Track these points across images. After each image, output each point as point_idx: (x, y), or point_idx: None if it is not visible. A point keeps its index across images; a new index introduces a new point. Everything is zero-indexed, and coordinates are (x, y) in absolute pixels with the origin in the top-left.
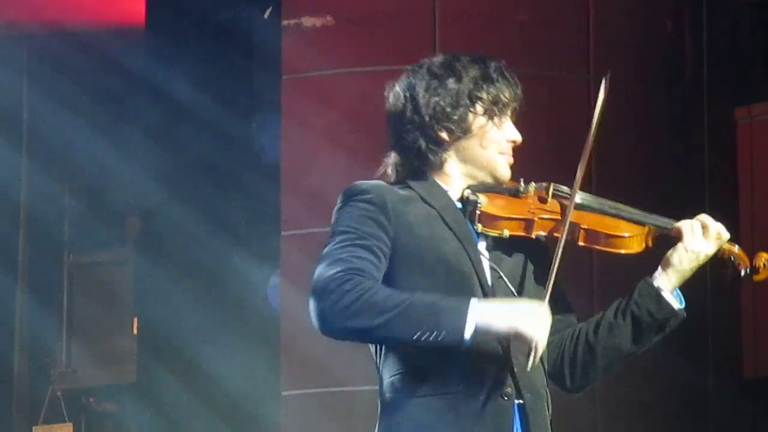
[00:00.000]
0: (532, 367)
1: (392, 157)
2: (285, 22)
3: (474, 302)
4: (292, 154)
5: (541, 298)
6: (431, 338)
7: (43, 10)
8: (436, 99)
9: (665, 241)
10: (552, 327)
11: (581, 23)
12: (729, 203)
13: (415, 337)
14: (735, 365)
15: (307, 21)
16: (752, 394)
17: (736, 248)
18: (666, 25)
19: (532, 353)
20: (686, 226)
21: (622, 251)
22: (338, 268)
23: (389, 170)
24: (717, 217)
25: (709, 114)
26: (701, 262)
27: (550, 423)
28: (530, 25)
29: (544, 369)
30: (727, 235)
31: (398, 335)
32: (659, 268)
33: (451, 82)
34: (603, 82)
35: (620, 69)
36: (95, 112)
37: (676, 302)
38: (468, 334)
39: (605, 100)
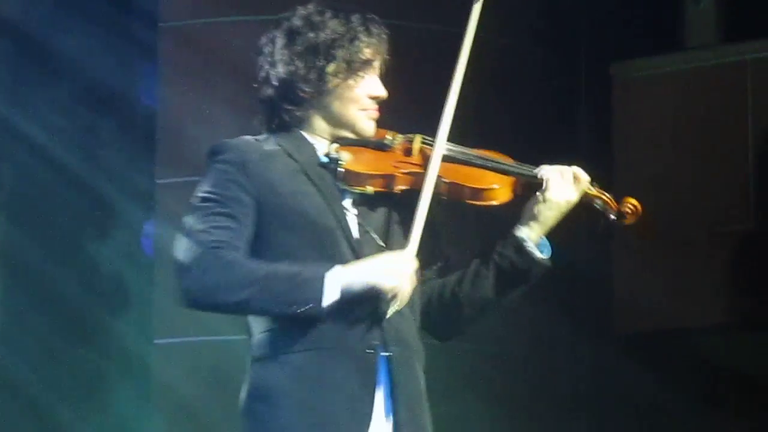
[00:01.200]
0: (391, 315)
1: (261, 111)
2: None
3: (332, 271)
4: (170, 102)
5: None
6: (291, 310)
7: None
8: (293, 56)
9: (531, 190)
10: (422, 276)
11: None
12: (604, 157)
13: (276, 311)
14: (607, 321)
15: None
16: (624, 350)
17: (603, 195)
18: None
19: (393, 302)
20: (547, 173)
21: (489, 203)
22: (199, 243)
23: (259, 123)
24: (592, 172)
25: (586, 69)
26: (564, 210)
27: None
28: None
29: (416, 319)
30: (587, 179)
31: (260, 309)
32: (522, 215)
33: (308, 39)
34: (475, 9)
35: (500, 23)
36: None
37: (540, 252)
38: (326, 302)
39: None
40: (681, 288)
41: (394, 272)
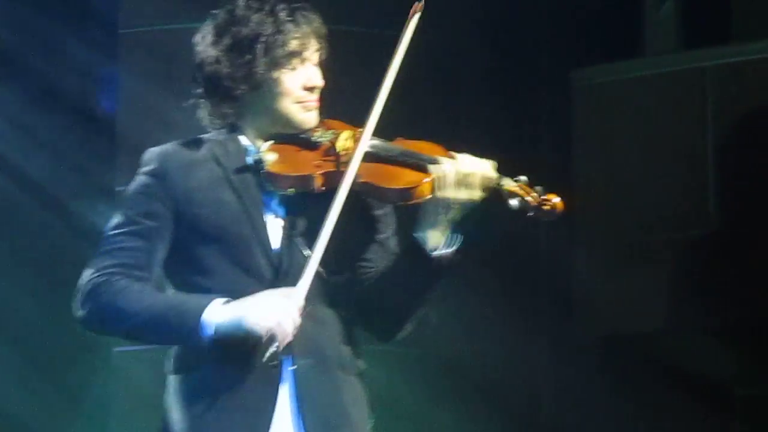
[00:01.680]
0: (267, 360)
1: (200, 112)
2: None
3: (212, 305)
4: (130, 108)
5: (349, 246)
6: (174, 341)
7: None
8: (219, 53)
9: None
10: (355, 277)
11: None
12: (565, 162)
13: (160, 340)
14: (567, 325)
15: None
16: (585, 353)
17: (525, 192)
18: None
19: (270, 349)
20: (442, 168)
21: (417, 201)
22: (99, 268)
23: (203, 123)
24: (551, 177)
25: (548, 75)
26: (463, 209)
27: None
28: None
29: (343, 326)
30: (498, 181)
31: (147, 338)
32: (421, 212)
33: (233, 34)
34: (414, 16)
35: (452, 25)
36: None
37: (445, 248)
38: (205, 337)
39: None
40: (640, 292)
41: (274, 314)
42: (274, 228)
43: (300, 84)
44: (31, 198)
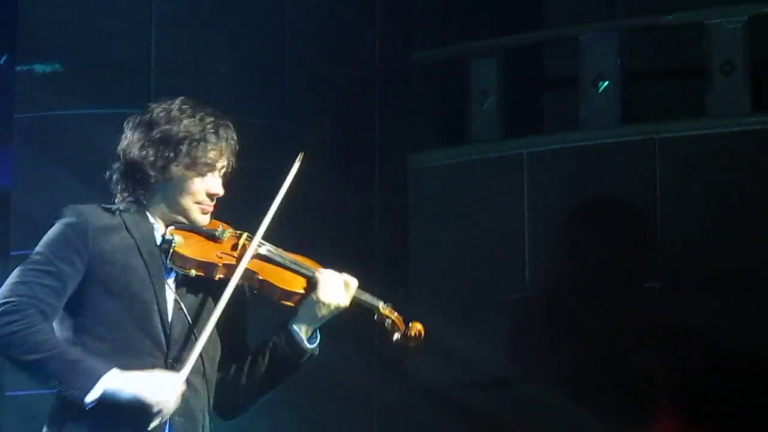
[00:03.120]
0: (155, 428)
1: (113, 187)
2: (18, 68)
3: (110, 373)
4: (23, 182)
5: (221, 334)
6: (62, 390)
7: None
8: (147, 143)
9: (312, 289)
10: (219, 361)
11: (277, 79)
12: (400, 238)
13: (50, 384)
14: (408, 374)
15: (39, 68)
16: (422, 400)
17: (393, 314)
18: (347, 79)
19: (157, 415)
20: (323, 277)
21: (292, 302)
22: (16, 294)
23: (113, 192)
24: (385, 257)
25: (383, 160)
26: (334, 311)
27: None
28: (234, 77)
29: (209, 393)
30: (355, 286)
31: (39, 377)
32: (299, 310)
33: (163, 130)
34: (297, 162)
35: (304, 116)
36: None
37: (308, 344)
38: (90, 398)
39: (294, 176)
40: (466, 346)
41: (163, 390)
42: (170, 297)
43: (204, 189)
44: None
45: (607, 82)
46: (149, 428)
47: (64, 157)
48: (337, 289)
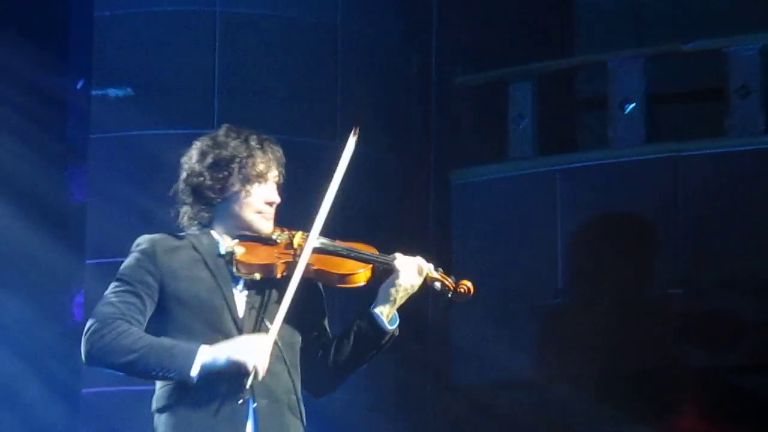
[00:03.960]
0: (251, 384)
1: (179, 211)
2: (93, 92)
3: (202, 348)
4: (97, 197)
5: (296, 323)
6: (166, 376)
7: None
8: (203, 169)
9: (387, 274)
10: (301, 344)
11: (330, 100)
12: (447, 245)
13: (153, 374)
14: (446, 374)
15: (112, 91)
16: (459, 398)
17: (445, 279)
18: (396, 101)
19: (251, 375)
20: (400, 263)
21: (353, 285)
22: (102, 313)
23: (180, 219)
24: (436, 257)
25: (434, 174)
26: (411, 292)
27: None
28: (290, 98)
29: (291, 377)
30: (430, 267)
31: (144, 373)
32: (378, 295)
33: (215, 155)
34: (351, 141)
35: (362, 136)
36: None
37: (389, 325)
38: (194, 373)
39: (349, 163)
40: (507, 348)
41: (251, 351)
42: (240, 300)
43: (262, 198)
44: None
45: (633, 105)
46: (246, 386)
47: (135, 174)
48: (412, 272)
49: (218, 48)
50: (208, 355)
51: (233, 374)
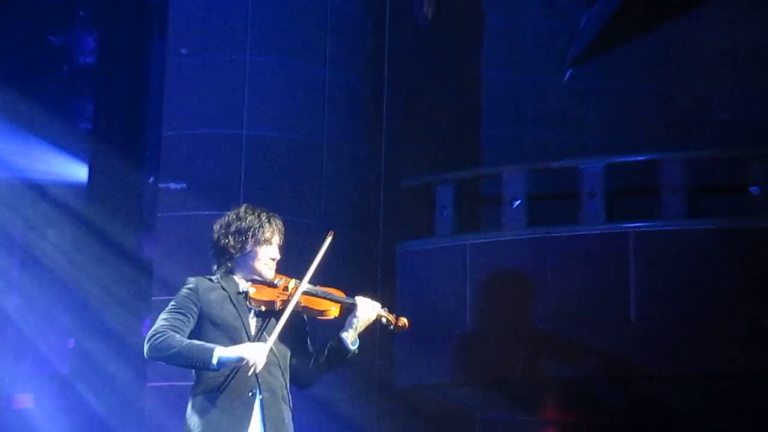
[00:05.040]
0: (261, 374)
1: (212, 263)
2: (161, 185)
3: (218, 347)
4: (162, 256)
5: (288, 340)
6: (196, 365)
7: None
8: (228, 234)
9: (352, 311)
10: (291, 355)
11: (317, 195)
12: (391, 294)
13: (188, 364)
14: (388, 377)
15: (173, 185)
16: (404, 403)
17: (389, 316)
18: (363, 199)
19: (252, 368)
20: (360, 304)
21: (327, 317)
22: (161, 326)
23: (212, 266)
24: (383, 301)
25: (384, 245)
26: (367, 324)
27: (292, 414)
28: (292, 192)
29: (284, 378)
30: (380, 310)
31: (180, 362)
32: (345, 324)
33: (236, 225)
34: (328, 237)
35: (334, 217)
36: None
37: (353, 345)
38: (215, 362)
39: (327, 247)
40: (429, 361)
41: (252, 352)
42: (252, 324)
43: (268, 256)
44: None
45: (518, 201)
46: (249, 374)
47: (186, 240)
48: (368, 310)
49: (244, 159)
50: (224, 351)
51: (241, 367)
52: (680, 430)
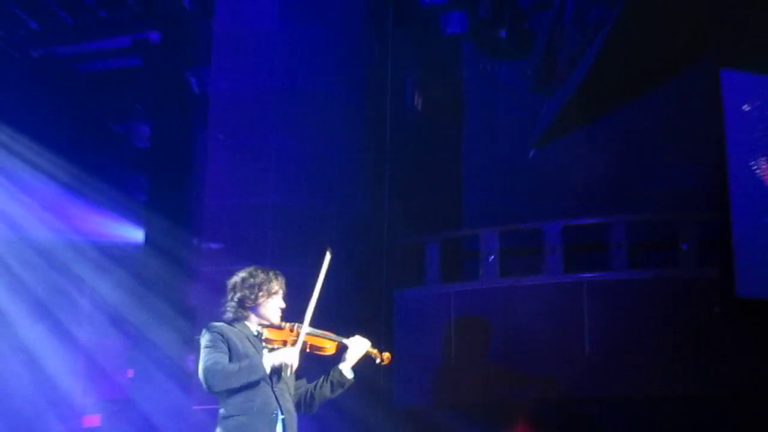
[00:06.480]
0: (288, 377)
1: (228, 311)
2: (203, 246)
3: (263, 359)
4: (203, 301)
5: (288, 381)
6: (251, 378)
7: None
8: (242, 289)
9: (346, 348)
10: (296, 385)
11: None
12: (389, 332)
13: (246, 381)
14: (388, 399)
15: (213, 245)
16: (402, 420)
17: (375, 351)
18: (366, 255)
19: (289, 368)
20: (353, 343)
21: (325, 353)
22: (210, 362)
23: (230, 314)
24: (384, 339)
25: (385, 292)
26: (359, 358)
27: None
28: (305, 250)
29: (293, 404)
30: (369, 347)
31: (240, 381)
32: (342, 359)
33: (248, 282)
34: (328, 255)
35: (348, 268)
36: None
37: (349, 375)
38: (268, 371)
39: (326, 273)
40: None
41: (289, 356)
42: (266, 357)
43: (276, 305)
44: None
45: (492, 256)
46: (288, 375)
47: (224, 289)
48: (359, 348)
49: (270, 223)
50: (268, 361)
51: (277, 369)
52: None
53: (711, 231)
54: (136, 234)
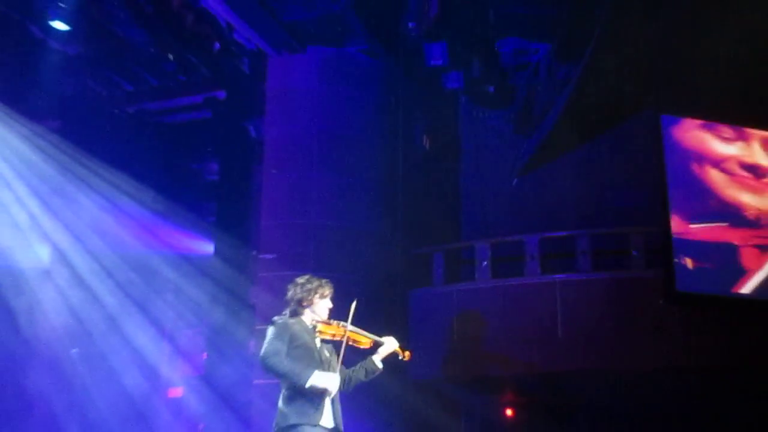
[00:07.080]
0: (332, 398)
1: (289, 309)
2: (261, 257)
3: (313, 375)
4: (261, 303)
5: (335, 365)
6: (293, 380)
7: None
8: (301, 292)
9: (379, 344)
10: (342, 373)
11: (356, 256)
12: (405, 328)
13: (289, 378)
14: (406, 373)
15: (267, 255)
16: (416, 390)
17: (400, 349)
18: (384, 262)
19: (329, 395)
20: (385, 340)
21: (363, 347)
22: (271, 348)
23: (285, 311)
24: (402, 336)
25: (402, 292)
26: (389, 352)
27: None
28: (349, 263)
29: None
30: (396, 345)
31: (289, 378)
32: (376, 352)
33: (305, 287)
34: (353, 304)
35: (373, 274)
36: None
37: (380, 365)
38: (307, 385)
39: (356, 308)
40: (428, 365)
41: (332, 384)
42: (319, 346)
43: (326, 306)
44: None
45: (485, 262)
46: (330, 398)
47: (276, 290)
48: (390, 345)
49: (313, 238)
50: (314, 381)
51: (320, 391)
52: (588, 407)
53: (655, 241)
54: (208, 247)
